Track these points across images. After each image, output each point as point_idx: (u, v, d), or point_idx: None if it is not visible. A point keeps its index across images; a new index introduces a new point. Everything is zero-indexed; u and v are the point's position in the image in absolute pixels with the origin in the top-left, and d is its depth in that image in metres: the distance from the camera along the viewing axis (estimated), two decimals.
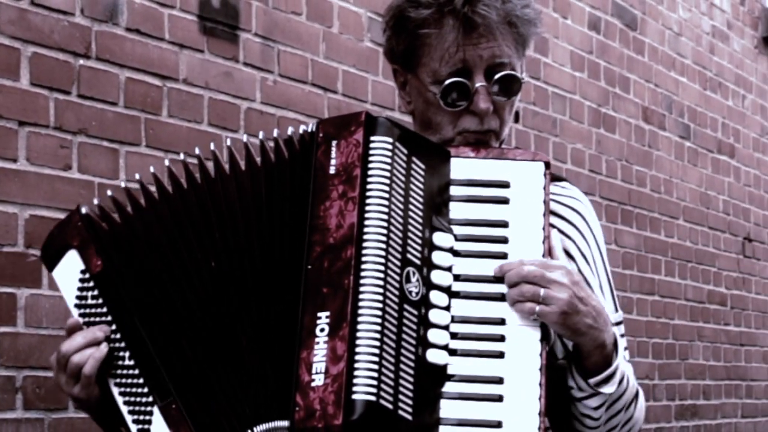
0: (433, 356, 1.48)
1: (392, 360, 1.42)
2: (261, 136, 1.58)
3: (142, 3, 3.07)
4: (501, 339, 1.50)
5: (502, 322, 1.51)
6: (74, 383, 1.61)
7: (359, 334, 1.41)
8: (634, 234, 5.26)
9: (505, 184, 1.58)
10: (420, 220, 1.52)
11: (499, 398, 1.47)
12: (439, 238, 1.53)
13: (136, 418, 1.58)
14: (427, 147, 1.57)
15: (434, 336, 1.49)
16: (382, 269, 1.44)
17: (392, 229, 1.47)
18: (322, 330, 1.42)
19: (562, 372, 1.62)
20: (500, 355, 1.49)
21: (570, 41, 4.93)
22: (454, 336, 1.50)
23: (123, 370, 1.60)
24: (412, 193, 1.52)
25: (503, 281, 1.53)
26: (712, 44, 6.07)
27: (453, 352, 1.49)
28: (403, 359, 1.44)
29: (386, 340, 1.42)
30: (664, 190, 5.55)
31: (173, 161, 1.65)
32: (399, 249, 1.47)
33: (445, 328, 1.50)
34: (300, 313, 1.45)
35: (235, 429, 1.51)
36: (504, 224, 1.56)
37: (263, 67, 3.42)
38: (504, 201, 1.57)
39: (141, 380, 1.58)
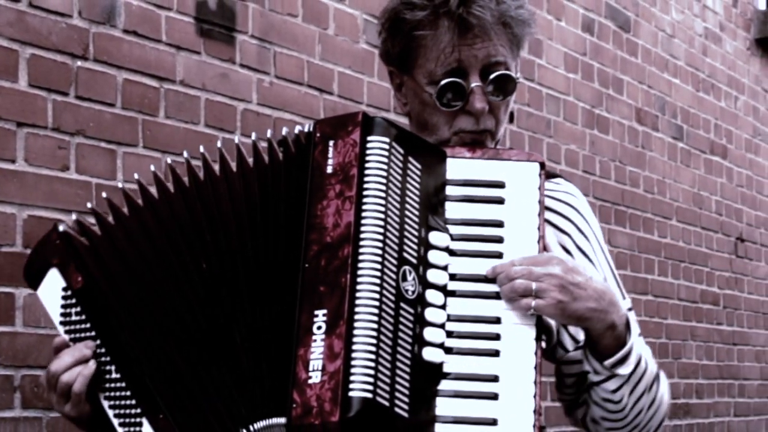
0: (429, 354, 1.48)
1: (389, 358, 1.42)
2: (254, 137, 1.57)
3: (140, 5, 3.07)
4: (496, 337, 1.50)
5: (497, 321, 1.51)
6: (65, 402, 1.61)
7: (356, 332, 1.41)
8: (628, 234, 5.25)
9: (500, 185, 1.58)
10: (416, 220, 1.52)
11: (495, 396, 1.48)
12: (435, 237, 1.53)
13: (126, 430, 1.58)
14: (423, 147, 1.57)
15: (430, 334, 1.49)
16: (378, 268, 1.44)
17: (389, 228, 1.47)
18: (319, 328, 1.42)
19: (577, 363, 1.62)
20: (495, 353, 1.50)
21: (564, 43, 4.92)
22: (449, 334, 1.50)
23: (111, 383, 1.60)
24: (408, 193, 1.52)
25: None
26: (705, 46, 6.07)
27: (449, 351, 1.49)
28: (399, 357, 1.44)
29: (383, 338, 1.42)
30: (657, 191, 5.54)
31: (165, 164, 1.65)
32: (395, 248, 1.47)
33: (441, 326, 1.50)
34: (297, 311, 1.45)
35: (230, 429, 1.51)
36: (499, 224, 1.56)
37: (259, 68, 3.42)
38: (499, 201, 1.57)
39: (129, 392, 1.58)
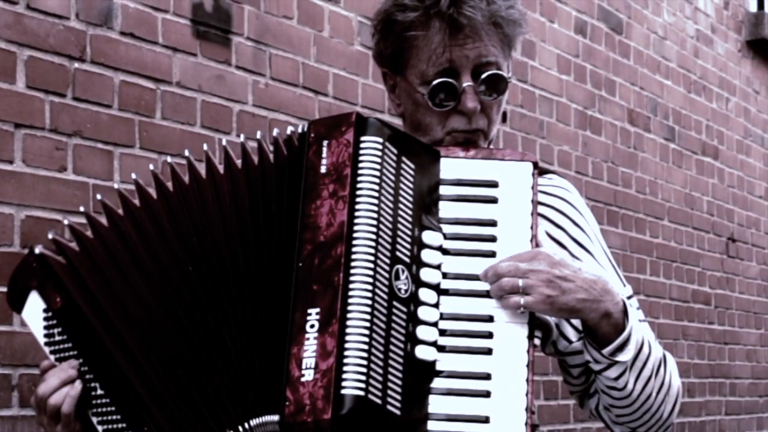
0: (422, 352, 1.48)
1: (381, 356, 1.42)
2: (242, 139, 1.57)
3: (136, 7, 3.07)
4: (489, 336, 1.51)
5: (490, 319, 1.51)
6: (56, 423, 1.60)
7: (348, 330, 1.41)
8: (620, 234, 5.25)
9: (493, 184, 1.58)
10: (409, 219, 1.52)
11: (487, 394, 1.48)
12: (428, 236, 1.53)
13: None
14: (416, 147, 1.57)
15: (423, 332, 1.49)
16: (371, 267, 1.44)
17: (382, 227, 1.47)
18: (312, 326, 1.42)
19: (581, 353, 1.61)
20: (488, 351, 1.50)
21: (557, 45, 4.92)
22: (442, 333, 1.50)
23: (98, 399, 1.60)
24: (401, 192, 1.52)
25: None
26: (697, 48, 6.07)
27: (441, 349, 1.49)
28: (392, 355, 1.44)
29: (375, 336, 1.42)
30: (649, 191, 5.54)
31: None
32: (388, 247, 1.47)
33: (434, 324, 1.50)
34: (291, 310, 1.45)
35: (224, 427, 1.51)
36: (492, 223, 1.56)
37: (255, 70, 3.42)
38: (493, 200, 1.57)
39: (113, 408, 1.58)
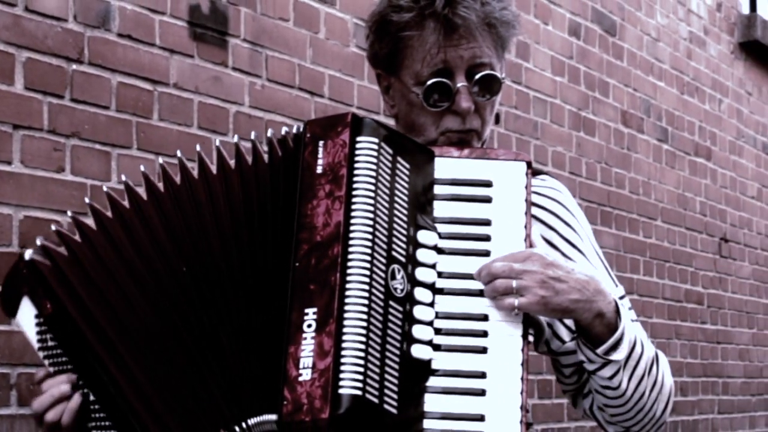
0: (418, 351, 1.49)
1: (378, 355, 1.43)
2: (235, 139, 1.56)
3: (134, 9, 3.07)
4: (484, 335, 1.51)
5: (484, 318, 1.52)
6: None
7: (346, 330, 1.42)
8: (613, 234, 5.25)
9: (487, 183, 1.58)
10: (405, 219, 1.52)
11: (482, 392, 1.49)
12: (423, 236, 1.54)
13: None
14: (411, 147, 1.57)
15: (419, 332, 1.50)
16: (368, 266, 1.45)
17: (378, 227, 1.48)
18: (309, 326, 1.43)
19: (574, 353, 1.62)
20: (483, 350, 1.51)
21: (551, 46, 4.92)
22: (438, 332, 1.51)
23: (92, 405, 1.57)
24: (397, 192, 1.52)
25: None
26: (690, 49, 6.07)
27: (437, 348, 1.50)
28: (388, 354, 1.45)
29: (372, 336, 1.43)
30: (643, 192, 5.54)
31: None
32: (384, 247, 1.48)
33: (430, 324, 1.51)
34: (288, 309, 1.45)
35: (222, 426, 1.50)
36: (487, 222, 1.57)
37: (251, 71, 3.42)
38: (487, 200, 1.58)
39: (105, 415, 1.56)
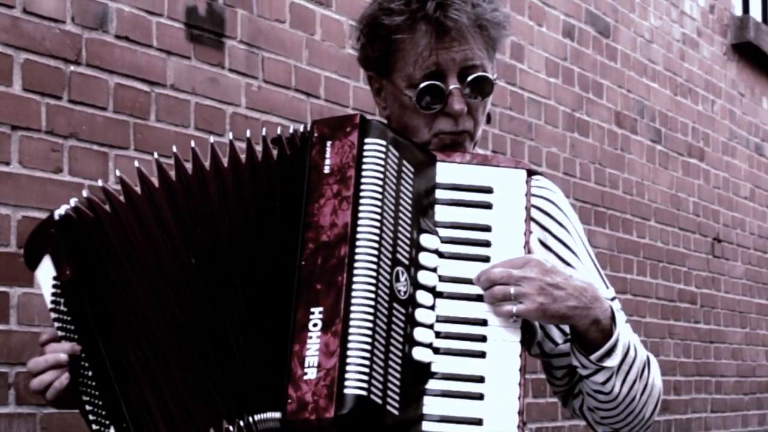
0: (419, 354, 1.50)
1: (382, 357, 1.43)
2: (248, 135, 1.57)
3: (131, 11, 3.07)
4: (483, 339, 1.52)
5: (484, 323, 1.53)
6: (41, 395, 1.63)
7: (351, 330, 1.42)
8: (607, 235, 5.26)
9: (488, 190, 1.59)
10: (409, 222, 1.53)
11: (480, 396, 1.49)
12: (425, 239, 1.55)
13: (97, 429, 1.59)
14: (415, 150, 1.58)
15: (420, 334, 1.50)
16: (374, 268, 1.45)
17: (384, 229, 1.48)
18: (315, 325, 1.43)
19: (566, 356, 1.63)
20: (482, 354, 1.51)
21: (545, 48, 4.93)
22: (438, 335, 1.51)
23: (88, 380, 1.58)
24: (402, 195, 1.53)
25: None
26: (683, 51, 6.08)
27: (437, 351, 1.51)
28: (391, 356, 1.45)
29: (377, 337, 1.43)
30: (636, 192, 5.55)
31: (155, 164, 1.61)
32: (390, 249, 1.48)
33: (430, 327, 1.51)
34: (293, 308, 1.45)
35: (224, 421, 1.51)
36: (487, 228, 1.57)
37: (248, 73, 3.42)
38: (487, 206, 1.59)
39: (99, 394, 1.57)
